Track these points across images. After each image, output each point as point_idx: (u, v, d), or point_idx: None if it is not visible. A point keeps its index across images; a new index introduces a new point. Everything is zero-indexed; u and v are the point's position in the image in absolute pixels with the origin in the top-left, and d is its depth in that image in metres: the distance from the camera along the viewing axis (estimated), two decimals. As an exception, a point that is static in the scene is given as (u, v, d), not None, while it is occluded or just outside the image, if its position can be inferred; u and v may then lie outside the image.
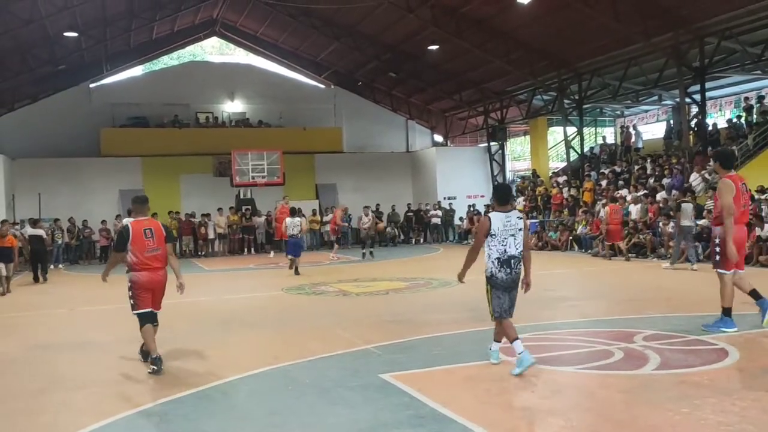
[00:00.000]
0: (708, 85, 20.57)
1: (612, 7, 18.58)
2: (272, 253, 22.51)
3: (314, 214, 27.04)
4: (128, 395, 5.95)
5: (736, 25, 18.36)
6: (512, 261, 6.17)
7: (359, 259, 20.70)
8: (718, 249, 7.65)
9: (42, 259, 18.18)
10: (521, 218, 6.27)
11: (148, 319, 7.02)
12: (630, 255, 17.14)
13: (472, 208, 27.71)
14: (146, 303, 7.03)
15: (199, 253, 25.22)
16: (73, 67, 26.98)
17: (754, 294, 7.69)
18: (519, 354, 5.98)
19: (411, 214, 28.78)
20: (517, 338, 6.08)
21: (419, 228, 28.65)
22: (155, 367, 6.66)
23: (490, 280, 6.25)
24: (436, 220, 28.23)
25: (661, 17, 18.98)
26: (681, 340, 7.18)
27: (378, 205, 28.33)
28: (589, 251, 18.91)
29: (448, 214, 28.67)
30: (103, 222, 24.43)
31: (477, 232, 6.51)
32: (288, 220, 17.06)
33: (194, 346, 8.04)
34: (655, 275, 13.92)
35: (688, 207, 14.98)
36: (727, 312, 7.61)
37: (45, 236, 19.26)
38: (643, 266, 15.62)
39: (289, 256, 16.83)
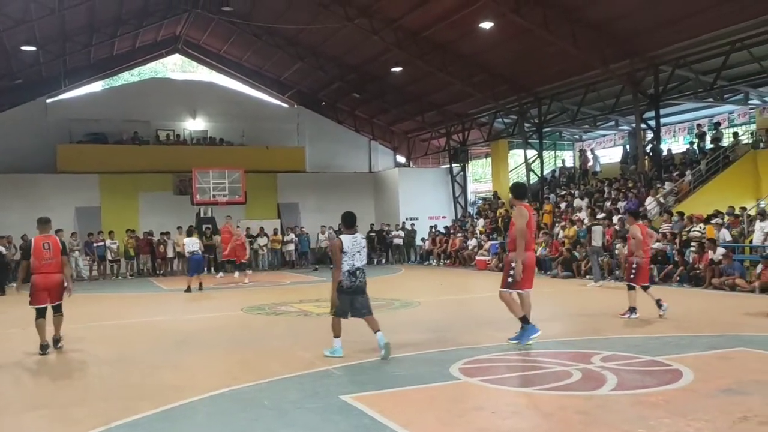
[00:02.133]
0: (662, 111, 21.15)
1: (571, 35, 19.03)
2: (221, 274, 22.32)
3: (276, 233, 26.86)
4: (79, 417, 5.78)
5: (689, 54, 18.97)
6: (358, 272, 7.91)
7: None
8: (512, 272, 8.31)
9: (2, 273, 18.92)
10: (364, 238, 8.28)
11: (42, 314, 8.85)
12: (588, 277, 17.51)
13: (434, 229, 27.87)
14: (41, 300, 8.83)
15: (158, 272, 24.79)
16: (30, 81, 26.48)
17: (524, 319, 8.37)
18: (335, 347, 7.89)
19: (373, 234, 28.77)
20: (339, 336, 7.94)
21: (381, 248, 28.66)
22: (42, 352, 8.64)
23: (341, 286, 7.86)
24: (398, 241, 28.28)
25: (617, 45, 19.51)
26: (637, 360, 7.31)
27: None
28: (549, 273, 19.15)
29: (410, 234, 28.74)
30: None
31: (333, 252, 8.12)
32: (187, 239, 17.88)
33: (150, 367, 7.87)
34: (611, 296, 14.13)
35: (598, 229, 16.88)
36: (524, 320, 8.31)
37: (4, 251, 19.75)
38: (598, 287, 15.87)
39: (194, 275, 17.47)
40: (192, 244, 17.52)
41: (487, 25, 20.07)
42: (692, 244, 16.05)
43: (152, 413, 5.76)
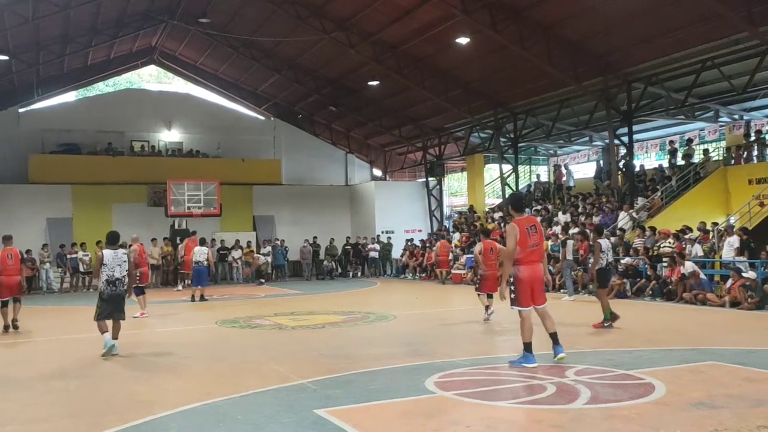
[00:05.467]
0: (635, 128, 21.46)
1: (546, 51, 19.27)
2: (180, 287, 22.09)
3: (249, 246, 26.69)
4: (49, 434, 5.67)
5: (661, 72, 19.31)
6: (117, 282, 9.29)
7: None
8: (513, 288, 7.96)
9: None
10: (126, 254, 9.59)
11: (5, 305, 12.18)
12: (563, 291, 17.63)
13: (409, 243, 27.90)
14: (5, 295, 12.13)
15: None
16: (2, 90, 26.09)
17: (526, 345, 7.90)
18: (108, 345, 9.14)
19: (349, 247, 28.74)
20: (107, 331, 9.26)
21: (357, 261, 28.61)
22: (4, 331, 11.99)
23: (101, 294, 9.26)
24: (374, 254, 28.26)
25: (591, 62, 19.80)
26: (611, 374, 7.36)
27: (315, 237, 28.24)
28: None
29: (386, 248, 28.76)
30: (28, 252, 23.37)
31: (96, 263, 9.49)
32: (196, 248, 17.66)
33: (120, 381, 7.75)
34: (585, 310, 14.23)
35: (570, 243, 17.45)
36: (527, 347, 7.89)
37: None
38: (572, 301, 15.97)
39: (198, 287, 17.65)
40: (200, 254, 17.40)
41: (463, 40, 20.23)
42: (664, 259, 16.25)
43: (120, 429, 5.65)
